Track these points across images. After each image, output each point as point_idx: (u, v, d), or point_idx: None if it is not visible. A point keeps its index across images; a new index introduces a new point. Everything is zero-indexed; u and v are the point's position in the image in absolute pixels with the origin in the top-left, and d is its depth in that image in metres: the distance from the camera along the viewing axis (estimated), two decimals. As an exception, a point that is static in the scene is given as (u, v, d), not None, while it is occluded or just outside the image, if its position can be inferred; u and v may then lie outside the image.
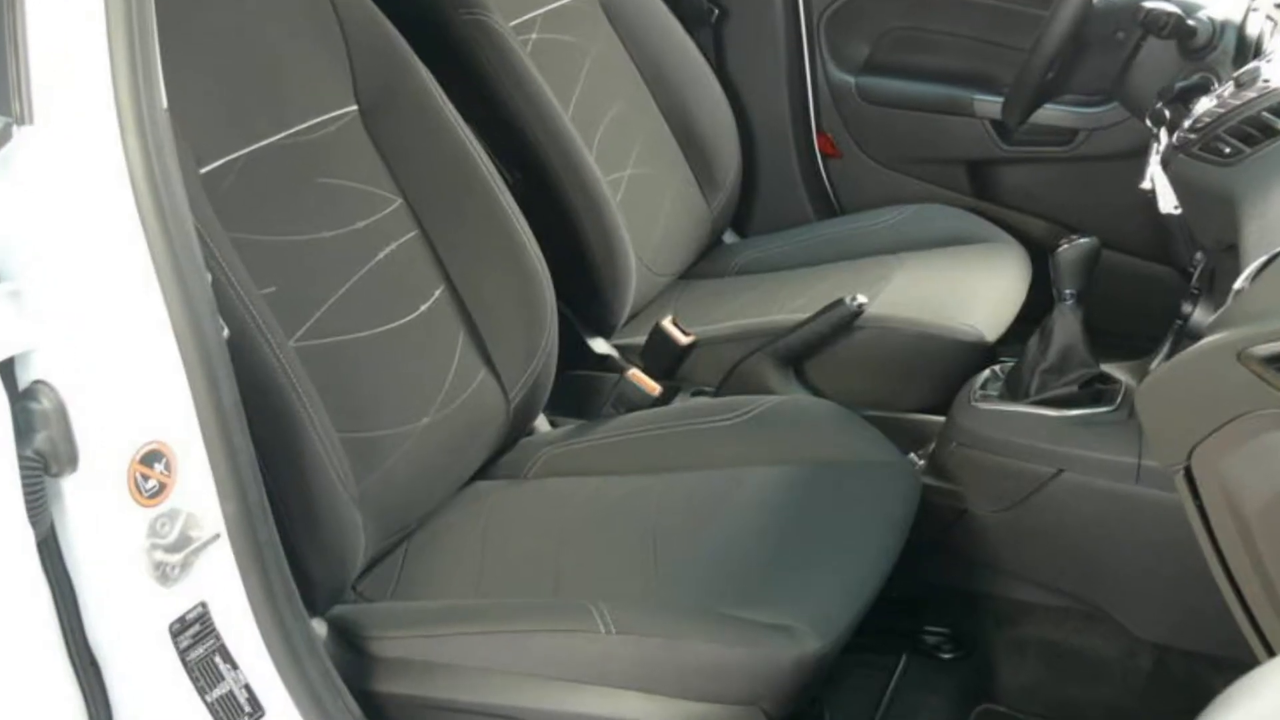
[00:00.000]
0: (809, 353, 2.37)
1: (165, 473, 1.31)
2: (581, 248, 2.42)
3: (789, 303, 2.50)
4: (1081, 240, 1.95)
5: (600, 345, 2.54)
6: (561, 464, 2.11)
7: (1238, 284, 1.45)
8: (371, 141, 2.02)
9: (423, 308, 1.99)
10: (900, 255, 2.63)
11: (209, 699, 1.39)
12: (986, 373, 2.10)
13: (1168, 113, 2.00)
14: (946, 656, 2.15)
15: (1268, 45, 2.06)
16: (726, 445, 2.04)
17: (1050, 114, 2.63)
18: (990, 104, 2.75)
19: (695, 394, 2.44)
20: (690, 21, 2.91)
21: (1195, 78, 2.06)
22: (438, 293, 2.02)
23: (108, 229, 1.26)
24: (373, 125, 2.03)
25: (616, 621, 1.60)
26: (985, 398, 2.04)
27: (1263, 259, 1.44)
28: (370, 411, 1.87)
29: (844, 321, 2.33)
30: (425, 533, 1.99)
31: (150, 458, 1.30)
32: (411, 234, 2.02)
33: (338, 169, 1.96)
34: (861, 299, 2.33)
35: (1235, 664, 1.14)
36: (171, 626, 1.36)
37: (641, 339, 2.48)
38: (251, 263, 1.70)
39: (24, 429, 1.23)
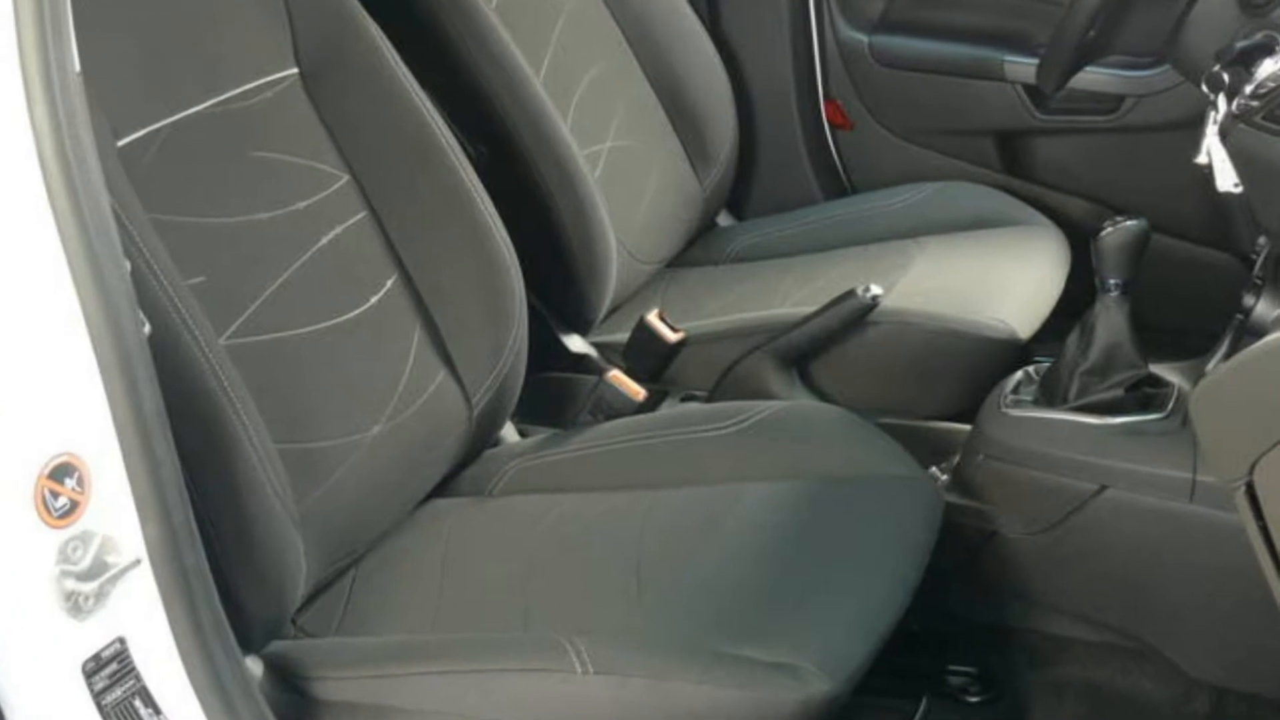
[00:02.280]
0: (815, 352, 2.38)
1: (78, 489, 1.31)
2: (555, 231, 2.43)
3: (792, 294, 2.51)
4: (1128, 223, 1.96)
5: (576, 343, 2.54)
6: (532, 479, 2.11)
7: (1307, 273, 1.46)
8: (314, 110, 2.02)
9: (373, 300, 2.00)
10: (920, 240, 2.64)
11: (128, 748, 1.40)
12: (1019, 375, 2.11)
13: (1226, 76, 2.01)
14: (973, 700, 2.16)
15: (1341, 0, 2.08)
16: (721, 457, 2.05)
17: (1092, 78, 2.64)
18: (1023, 66, 2.75)
19: (685, 399, 2.45)
20: (680, -28, 2.92)
21: (1258, 37, 2.06)
22: (390, 283, 2.03)
23: (11, 211, 1.26)
24: (316, 91, 2.03)
25: (594, 660, 1.60)
26: (1017, 403, 2.05)
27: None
28: (313, 419, 1.87)
29: (855, 316, 2.33)
30: (376, 558, 1.99)
31: (60, 472, 1.30)
32: (360, 215, 2.02)
33: (275, 141, 1.96)
34: (875, 290, 2.33)
35: (1302, 707, 1.16)
36: (85, 665, 1.36)
37: (623, 336, 2.48)
38: (176, 249, 1.70)
39: (-85, 440, 1.23)
